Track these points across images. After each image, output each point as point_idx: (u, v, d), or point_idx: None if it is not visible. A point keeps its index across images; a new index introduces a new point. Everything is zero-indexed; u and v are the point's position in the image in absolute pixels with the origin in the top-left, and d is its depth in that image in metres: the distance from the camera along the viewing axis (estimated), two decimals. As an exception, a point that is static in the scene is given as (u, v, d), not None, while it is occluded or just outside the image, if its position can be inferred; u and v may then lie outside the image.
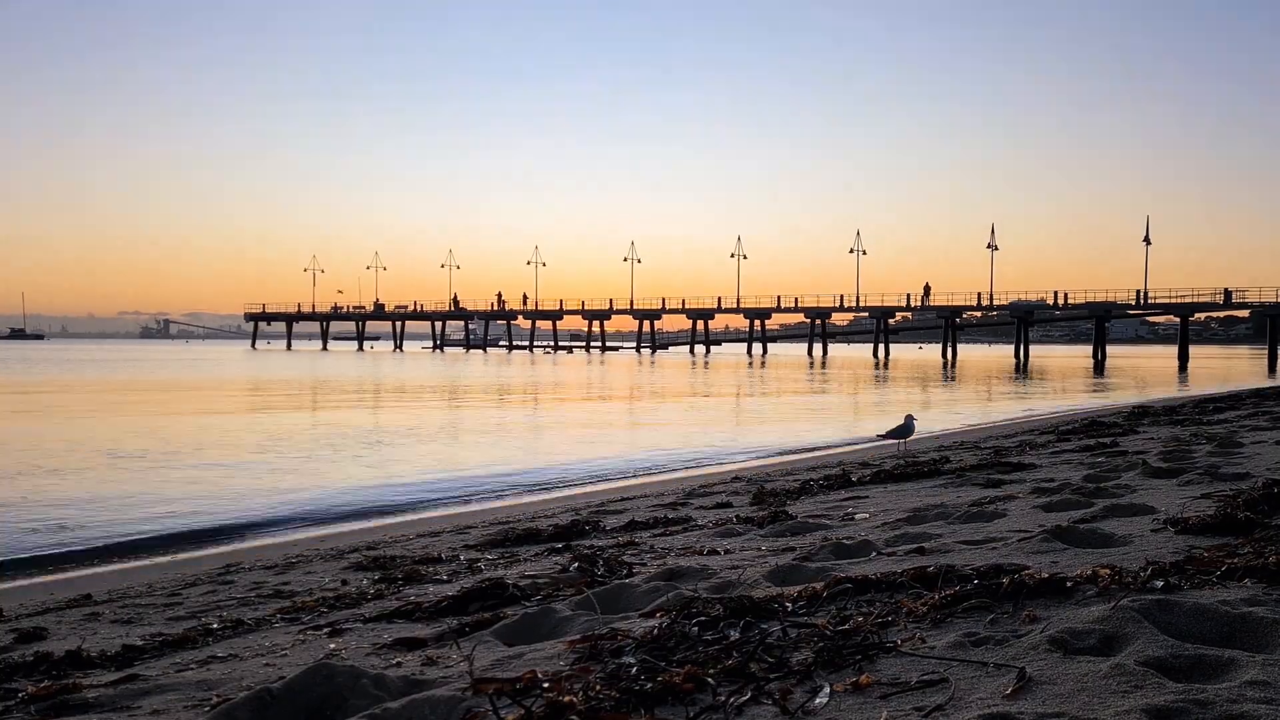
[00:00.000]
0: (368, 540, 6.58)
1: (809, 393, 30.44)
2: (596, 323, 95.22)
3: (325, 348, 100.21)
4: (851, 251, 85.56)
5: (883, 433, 11.15)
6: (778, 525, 5.21)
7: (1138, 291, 73.29)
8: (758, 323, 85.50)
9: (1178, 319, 71.09)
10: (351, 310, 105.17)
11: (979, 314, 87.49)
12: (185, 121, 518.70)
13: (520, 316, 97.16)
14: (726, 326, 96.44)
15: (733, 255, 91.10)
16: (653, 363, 63.37)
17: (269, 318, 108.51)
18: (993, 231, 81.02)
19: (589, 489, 9.98)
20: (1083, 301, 74.24)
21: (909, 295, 79.77)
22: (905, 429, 10.73)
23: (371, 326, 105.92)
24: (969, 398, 27.37)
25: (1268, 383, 30.42)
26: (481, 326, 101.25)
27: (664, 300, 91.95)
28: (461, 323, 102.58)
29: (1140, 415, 13.29)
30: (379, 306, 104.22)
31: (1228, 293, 70.01)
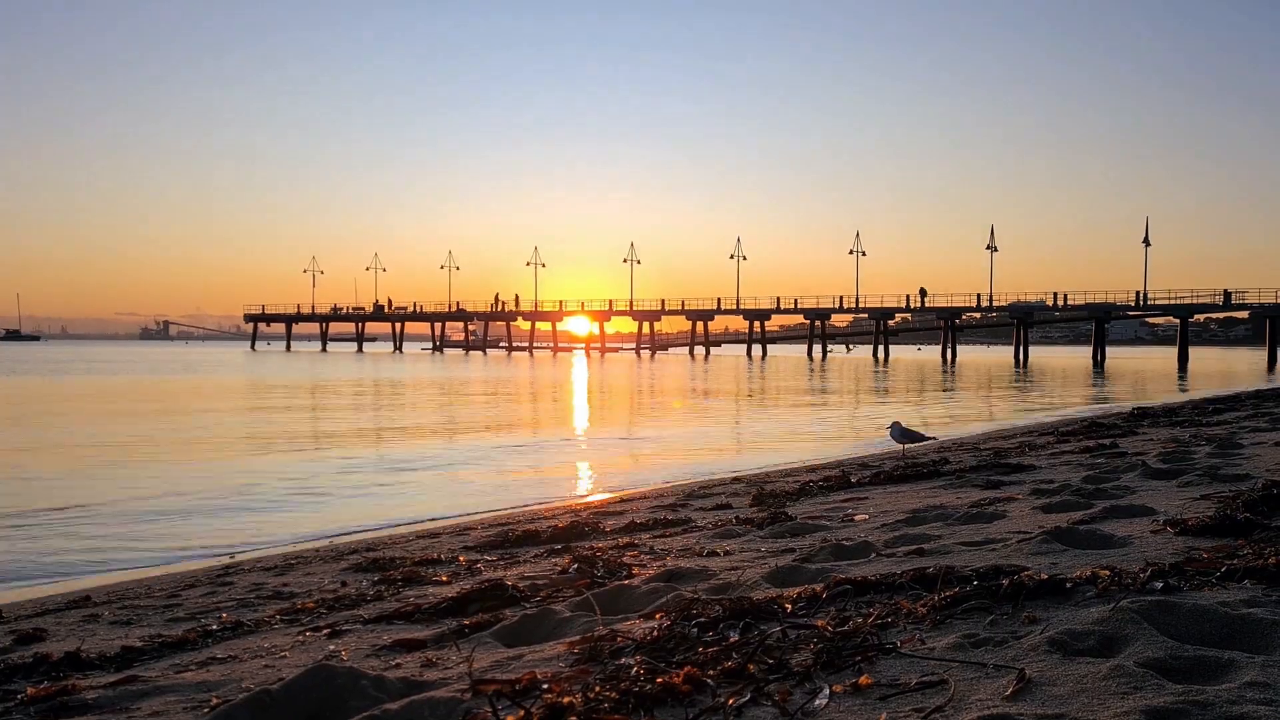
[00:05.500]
0: (367, 541, 6.58)
1: (812, 394, 30.46)
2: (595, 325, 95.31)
3: (324, 349, 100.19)
4: (851, 252, 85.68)
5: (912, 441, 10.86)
6: (777, 526, 5.21)
7: (1137, 293, 73.39)
8: (757, 324, 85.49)
9: (1177, 320, 71.15)
10: (351, 311, 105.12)
11: (978, 315, 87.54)
12: (184, 122, 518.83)
13: (519, 318, 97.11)
14: (726, 328, 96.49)
15: (732, 256, 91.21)
16: (651, 364, 63.34)
17: (268, 319, 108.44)
18: (992, 233, 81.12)
19: (589, 491, 9.98)
20: (1082, 303, 74.28)
21: (908, 296, 79.85)
22: (900, 434, 10.59)
23: (371, 328, 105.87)
24: (970, 401, 27.38)
25: (1267, 383, 30.43)
26: (482, 328, 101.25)
27: (663, 301, 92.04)
28: (461, 324, 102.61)
29: (1140, 416, 13.29)
30: (379, 308, 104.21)
31: (1227, 294, 70.07)
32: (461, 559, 5.12)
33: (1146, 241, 75.84)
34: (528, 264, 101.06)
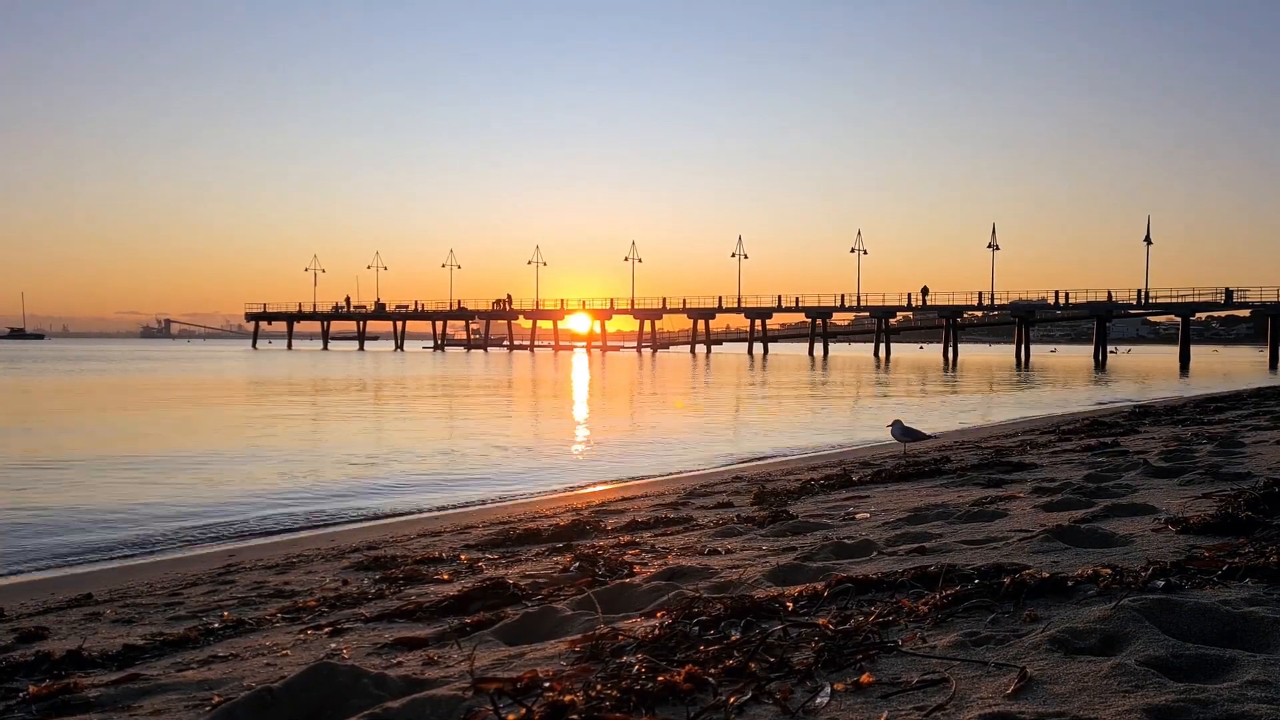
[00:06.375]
0: (368, 540, 6.58)
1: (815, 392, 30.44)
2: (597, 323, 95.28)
3: (326, 347, 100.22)
4: (852, 251, 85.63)
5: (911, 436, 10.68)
6: (779, 525, 5.21)
7: (1139, 291, 73.32)
8: (758, 323, 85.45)
9: (1179, 319, 71.09)
10: (353, 310, 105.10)
11: (980, 314, 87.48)
12: (185, 121, 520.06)
13: (521, 316, 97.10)
14: (727, 327, 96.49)
15: (733, 255, 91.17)
16: (653, 364, 63.28)
17: (270, 317, 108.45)
18: (994, 231, 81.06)
19: (590, 489, 9.99)
20: (1084, 301, 74.21)
21: (909, 295, 79.76)
22: (902, 432, 10.50)
23: (372, 326, 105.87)
24: (972, 400, 27.35)
25: (1268, 381, 30.39)
26: (484, 327, 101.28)
27: (664, 300, 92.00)
28: (463, 322, 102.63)
29: (1141, 415, 13.29)
30: (380, 306, 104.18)
31: (1229, 292, 70.00)
32: (463, 557, 5.12)
33: (1148, 240, 75.81)
34: (529, 262, 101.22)
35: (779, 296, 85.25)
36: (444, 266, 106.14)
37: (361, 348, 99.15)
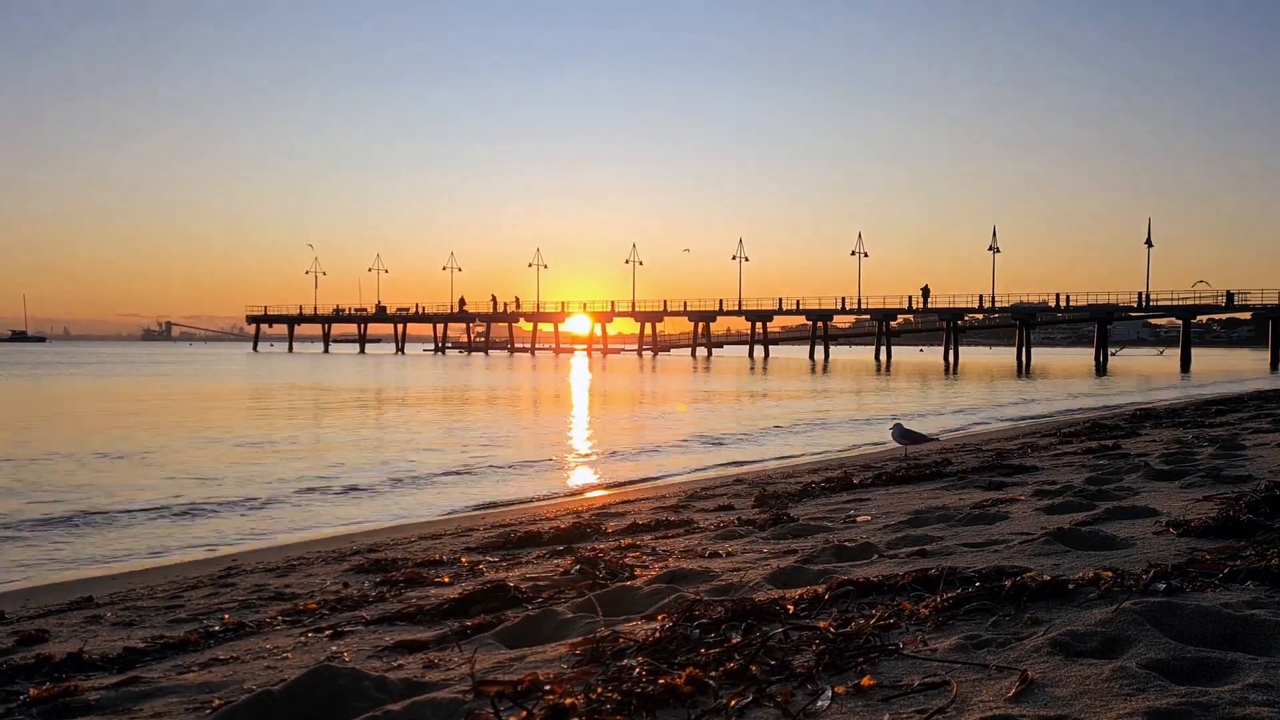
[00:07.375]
0: (369, 543, 6.59)
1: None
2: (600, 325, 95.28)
3: (327, 350, 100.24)
4: (853, 254, 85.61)
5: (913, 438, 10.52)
6: (779, 528, 5.20)
7: (1139, 294, 73.26)
8: (759, 325, 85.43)
9: (1180, 321, 71.02)
10: (353, 312, 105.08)
11: (981, 316, 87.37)
12: (185, 123, 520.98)
13: (522, 319, 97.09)
14: (728, 329, 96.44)
15: (734, 257, 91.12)
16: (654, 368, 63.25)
17: (270, 320, 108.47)
18: (994, 234, 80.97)
19: (591, 492, 9.99)
20: (1085, 304, 74.17)
21: (910, 297, 79.67)
22: (902, 435, 10.40)
23: (373, 329, 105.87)
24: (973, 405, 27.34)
25: (1270, 384, 30.37)
26: (485, 329, 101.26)
27: (665, 303, 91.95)
28: (463, 325, 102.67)
29: (1142, 418, 13.28)
30: (380, 309, 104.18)
31: (1229, 295, 69.93)
32: (463, 560, 5.12)
33: (1149, 242, 75.71)
34: (530, 265, 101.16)
35: (780, 299, 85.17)
36: (445, 269, 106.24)
37: (362, 350, 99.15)
